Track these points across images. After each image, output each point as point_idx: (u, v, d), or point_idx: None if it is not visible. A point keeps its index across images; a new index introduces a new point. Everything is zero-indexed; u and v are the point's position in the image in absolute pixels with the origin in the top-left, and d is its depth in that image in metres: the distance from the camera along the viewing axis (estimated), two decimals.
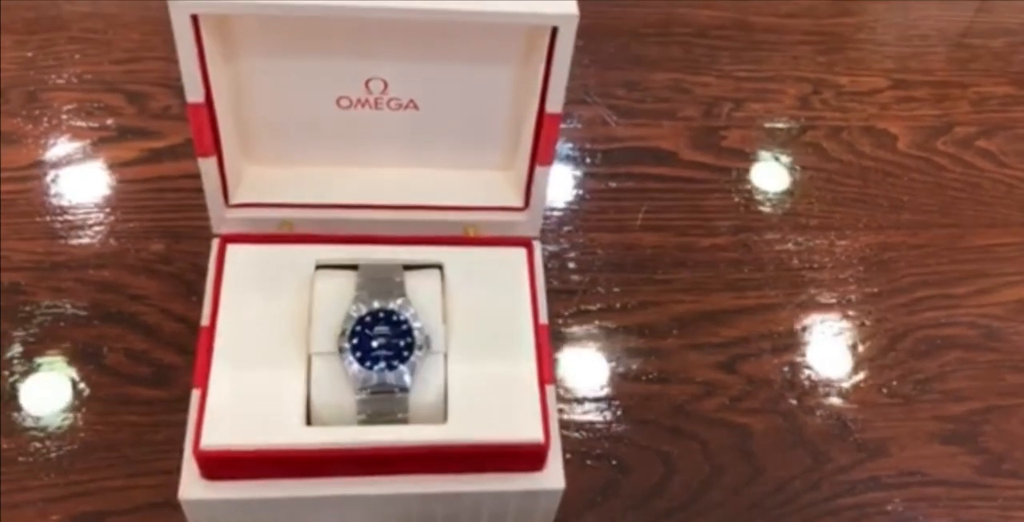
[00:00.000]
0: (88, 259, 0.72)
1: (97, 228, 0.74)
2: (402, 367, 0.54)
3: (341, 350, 0.54)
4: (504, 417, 0.55)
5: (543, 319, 0.59)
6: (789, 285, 0.76)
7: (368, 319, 0.56)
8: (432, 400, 0.55)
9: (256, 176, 0.62)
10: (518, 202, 0.62)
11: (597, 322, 0.72)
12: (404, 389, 0.54)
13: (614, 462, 0.66)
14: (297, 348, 0.56)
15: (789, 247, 0.78)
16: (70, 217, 0.74)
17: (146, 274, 0.72)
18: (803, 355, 0.72)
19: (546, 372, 0.57)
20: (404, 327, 0.56)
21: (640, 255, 0.76)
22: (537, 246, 0.62)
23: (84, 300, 0.70)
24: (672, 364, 0.71)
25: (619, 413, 0.68)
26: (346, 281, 0.58)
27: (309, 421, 0.55)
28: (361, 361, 0.54)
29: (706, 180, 0.81)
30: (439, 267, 0.60)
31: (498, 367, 0.57)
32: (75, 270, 0.71)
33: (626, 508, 0.64)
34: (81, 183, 0.77)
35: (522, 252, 0.62)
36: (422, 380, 0.55)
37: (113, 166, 0.77)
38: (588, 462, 0.66)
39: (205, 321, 0.58)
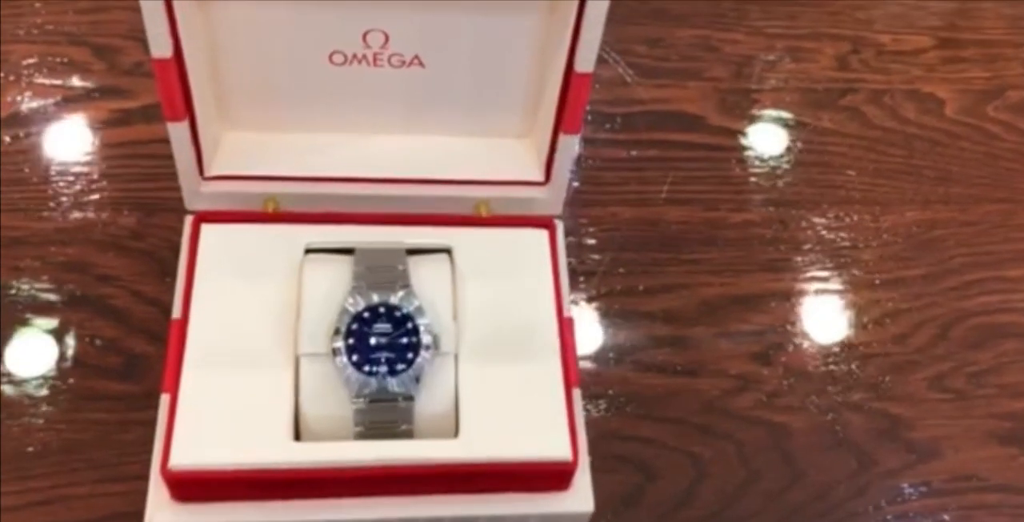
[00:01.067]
0: (50, 235, 0.64)
1: (61, 199, 0.65)
2: (406, 371, 0.46)
3: (335, 351, 0.47)
4: (525, 430, 0.47)
5: (567, 311, 0.50)
6: (829, 266, 0.68)
7: (366, 315, 0.47)
8: (441, 410, 0.47)
9: (235, 144, 0.53)
10: (538, 175, 0.54)
11: (617, 307, 0.64)
12: (408, 397, 0.46)
13: (638, 466, 0.59)
14: (283, 348, 0.48)
15: (829, 223, 0.70)
16: (30, 187, 0.66)
17: (115, 251, 0.63)
18: (846, 345, 0.65)
19: (572, 374, 0.48)
20: (408, 324, 0.47)
21: (665, 232, 0.68)
22: (560, 227, 0.53)
23: (46, 281, 0.62)
24: (701, 355, 0.63)
25: (642, 410, 0.61)
26: (340, 269, 0.50)
27: (297, 435, 0.46)
28: (358, 364, 0.46)
29: (737, 148, 0.73)
30: (448, 252, 0.52)
31: (517, 370, 0.48)
32: (36, 247, 0.63)
33: (652, 518, 0.58)
34: (43, 148, 0.68)
35: (543, 234, 0.53)
36: (429, 386, 0.47)
37: (79, 129, 0.69)
38: (608, 466, 0.58)
39: (176, 313, 0.49)
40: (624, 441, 0.60)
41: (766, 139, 0.74)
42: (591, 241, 0.67)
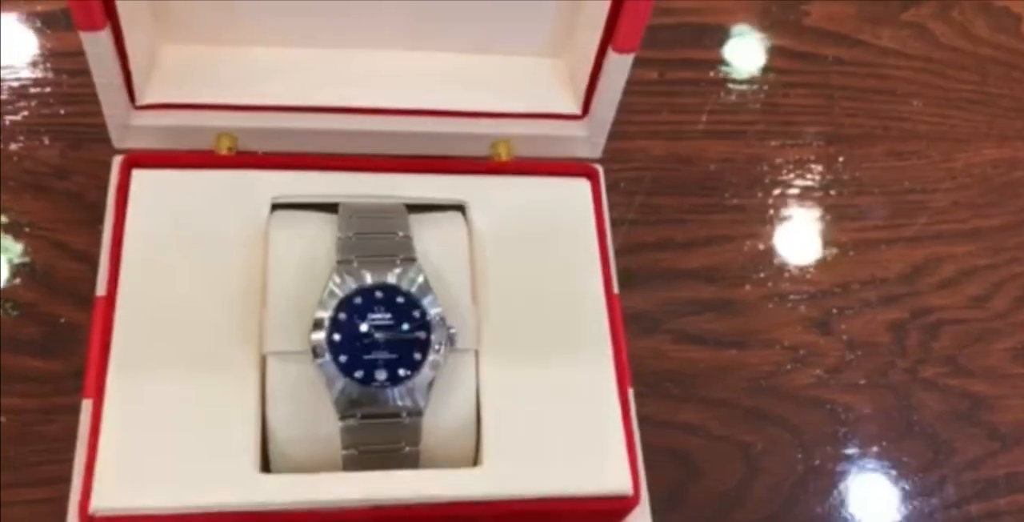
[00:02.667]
0: None
1: None
2: (411, 377, 0.35)
3: (315, 349, 0.35)
4: (569, 454, 0.35)
5: (615, 287, 0.38)
6: (896, 213, 0.58)
7: (357, 300, 0.35)
8: (457, 428, 0.36)
9: (177, 61, 0.42)
10: (573, 107, 0.42)
11: (649, 264, 0.54)
12: (414, 412, 0.35)
13: (678, 459, 0.50)
14: (244, 344, 0.36)
15: (893, 162, 0.60)
16: None
17: (32, 192, 0.51)
18: (918, 309, 0.55)
19: (624, 370, 0.36)
20: (413, 312, 0.35)
21: (703, 171, 0.58)
22: (602, 175, 0.40)
23: None
24: (750, 322, 0.54)
25: (681, 390, 0.51)
26: (320, 232, 0.37)
27: (266, 464, 0.34)
28: (347, 367, 0.34)
29: (785, 70, 0.61)
30: (461, 209, 0.40)
31: (557, 370, 0.37)
32: None
33: None
34: None
35: (582, 185, 0.42)
36: (442, 396, 0.36)
37: None
38: (645, 460, 0.48)
39: (100, 289, 0.36)
40: (660, 429, 0.50)
41: (819, 60, 0.63)
42: (615, 183, 0.57)
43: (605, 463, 0.35)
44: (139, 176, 0.38)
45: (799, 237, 0.57)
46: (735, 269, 0.55)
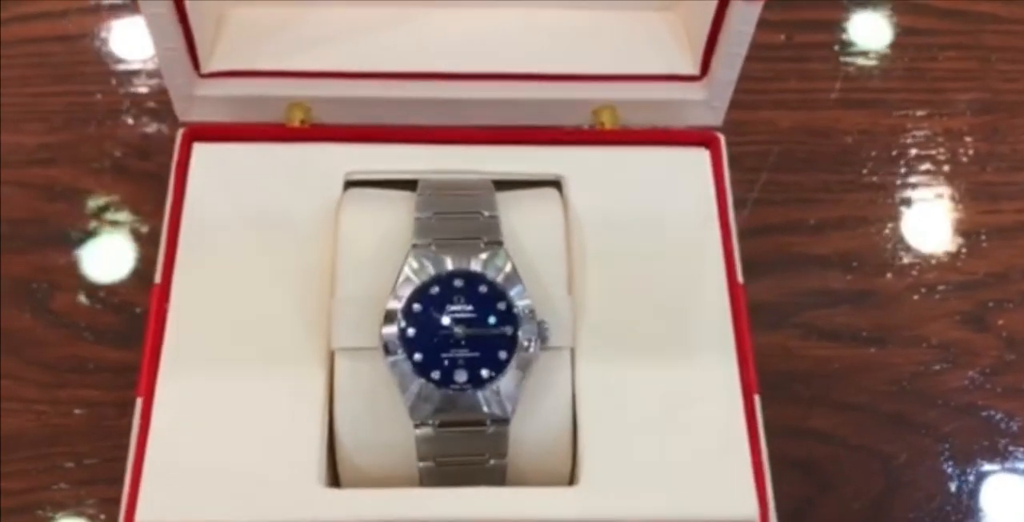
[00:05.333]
0: (29, 152, 0.50)
1: (41, 100, 0.51)
2: (497, 379, 0.31)
3: (386, 346, 0.31)
4: (683, 472, 0.31)
5: (740, 276, 0.35)
6: None
7: (435, 289, 0.31)
8: (551, 438, 0.32)
9: (246, 24, 0.39)
10: (690, 66, 0.38)
11: (775, 249, 0.50)
12: (500, 419, 0.31)
13: (808, 471, 0.46)
14: (310, 338, 0.32)
15: None
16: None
17: (113, 174, 0.49)
18: None
19: (750, 373, 0.32)
20: (500, 304, 0.31)
21: (838, 145, 0.53)
22: (724, 144, 0.35)
23: (19, 211, 0.49)
24: (892, 315, 0.49)
25: (812, 393, 0.47)
26: (396, 213, 0.33)
27: (335, 477, 0.31)
28: (424, 367, 0.31)
29: (931, 30, 0.57)
30: (557, 185, 0.36)
31: (669, 373, 0.32)
32: (8, 168, 0.49)
33: None
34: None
35: (700, 155, 0.37)
36: (533, 401, 0.32)
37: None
38: (770, 470, 0.44)
39: (158, 277, 0.34)
40: (788, 437, 0.46)
41: (969, 19, 0.58)
42: (737, 158, 0.53)
43: (726, 483, 0.30)
44: (200, 151, 0.35)
45: (948, 219, 0.52)
46: (874, 255, 0.51)
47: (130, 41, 0.55)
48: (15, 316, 0.48)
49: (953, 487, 0.47)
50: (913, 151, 0.54)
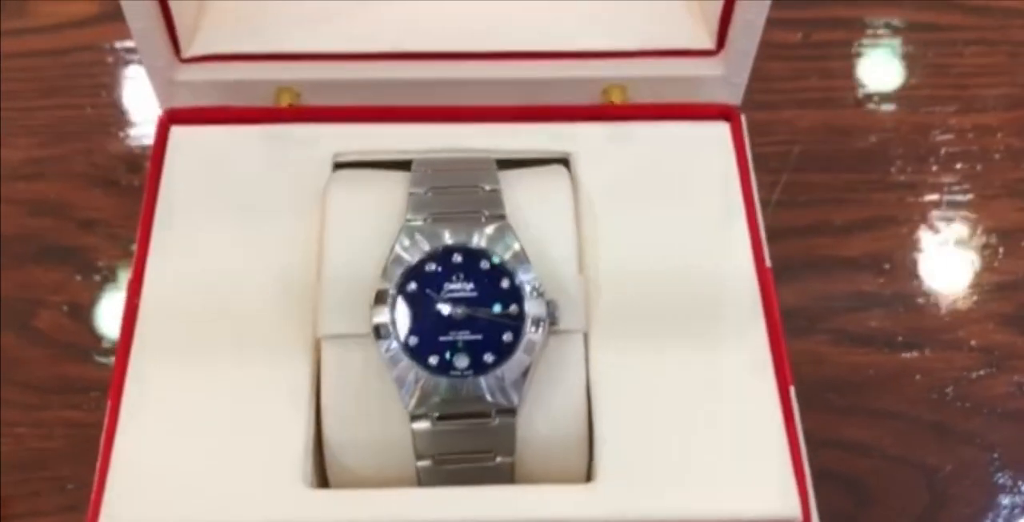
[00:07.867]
0: (15, 167, 0.48)
1: (28, 113, 0.49)
2: (501, 363, 0.28)
3: (378, 330, 0.28)
4: (710, 467, 0.27)
5: (768, 259, 0.32)
6: None
7: (432, 267, 0.28)
8: (563, 431, 0.29)
9: (229, 6, 0.35)
10: (705, 40, 0.35)
11: (800, 252, 0.48)
12: (506, 409, 0.28)
13: (846, 485, 0.43)
14: (295, 326, 0.29)
15: None
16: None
17: (103, 188, 0.48)
18: None
19: (783, 360, 0.29)
20: (503, 283, 0.28)
21: (862, 144, 0.51)
22: (744, 120, 0.32)
23: (7, 228, 0.47)
24: (928, 318, 0.46)
25: (848, 402, 0.44)
26: (390, 194, 0.30)
27: (323, 477, 0.28)
28: (418, 352, 0.28)
29: (957, 26, 0.54)
30: (565, 162, 0.33)
31: (690, 356, 0.29)
32: None
33: None
34: None
35: (720, 129, 0.34)
36: (542, 389, 0.29)
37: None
38: (805, 483, 0.40)
39: (131, 269, 0.31)
40: (821, 448, 0.42)
41: (998, 13, 0.56)
42: (757, 159, 0.50)
43: (760, 479, 0.26)
44: (178, 134, 0.32)
45: (982, 217, 0.50)
46: (905, 257, 0.48)
47: (120, 56, 0.54)
48: None
49: (1006, 500, 0.43)
50: (943, 149, 0.51)
